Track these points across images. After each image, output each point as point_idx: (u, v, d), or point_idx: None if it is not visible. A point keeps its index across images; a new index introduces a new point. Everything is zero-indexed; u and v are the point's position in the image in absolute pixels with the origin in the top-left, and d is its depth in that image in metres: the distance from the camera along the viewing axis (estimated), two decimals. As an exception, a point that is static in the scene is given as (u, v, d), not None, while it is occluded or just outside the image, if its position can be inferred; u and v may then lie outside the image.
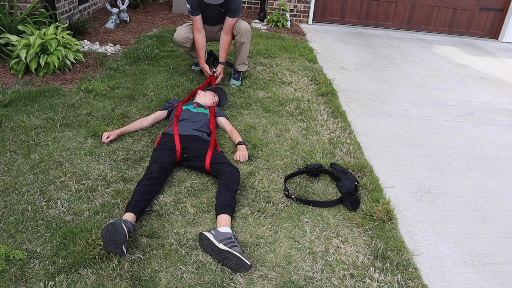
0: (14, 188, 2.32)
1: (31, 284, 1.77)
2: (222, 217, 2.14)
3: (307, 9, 6.87)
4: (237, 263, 1.90)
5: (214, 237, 1.98)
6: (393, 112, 3.89)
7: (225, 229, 2.04)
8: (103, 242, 1.90)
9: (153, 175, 2.30)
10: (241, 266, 1.90)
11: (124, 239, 1.86)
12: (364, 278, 1.97)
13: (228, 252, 1.91)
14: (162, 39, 5.12)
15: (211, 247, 1.96)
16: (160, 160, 2.44)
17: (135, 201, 2.13)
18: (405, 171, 2.94)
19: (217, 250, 1.94)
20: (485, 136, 3.62)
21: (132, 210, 2.09)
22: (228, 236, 1.98)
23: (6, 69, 3.86)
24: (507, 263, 2.20)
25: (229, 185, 2.32)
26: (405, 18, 7.31)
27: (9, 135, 2.81)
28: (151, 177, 2.28)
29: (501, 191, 2.85)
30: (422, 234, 2.34)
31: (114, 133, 2.85)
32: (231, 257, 1.90)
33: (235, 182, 2.36)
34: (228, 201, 2.23)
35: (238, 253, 1.89)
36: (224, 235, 1.99)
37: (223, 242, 1.95)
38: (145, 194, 2.19)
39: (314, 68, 4.69)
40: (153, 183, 2.27)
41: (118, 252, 1.91)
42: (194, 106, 3.04)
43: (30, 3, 4.27)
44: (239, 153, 2.80)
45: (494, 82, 5.09)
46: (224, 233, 2.00)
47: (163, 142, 2.65)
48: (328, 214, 2.38)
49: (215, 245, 1.94)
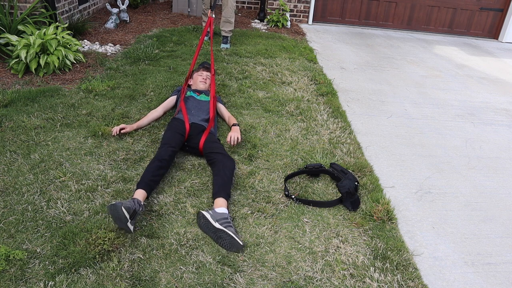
0: (14, 188, 2.32)
1: (31, 284, 1.77)
2: (219, 200, 2.25)
3: (307, 9, 6.87)
4: (230, 242, 2.00)
5: (211, 216, 2.09)
6: (393, 112, 3.89)
7: (221, 209, 2.16)
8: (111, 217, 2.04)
9: (165, 158, 2.46)
10: (234, 245, 2.00)
11: (126, 219, 1.96)
12: (364, 278, 1.97)
13: (222, 231, 2.01)
14: (162, 39, 5.12)
15: (208, 226, 2.07)
16: (173, 143, 2.61)
17: (147, 180, 2.29)
18: (405, 171, 2.94)
19: (212, 229, 2.05)
20: (485, 136, 3.62)
21: (144, 187, 2.25)
22: (224, 217, 2.10)
23: (6, 69, 3.86)
24: (507, 263, 2.20)
25: (222, 173, 2.43)
26: (405, 18, 7.31)
27: (9, 135, 2.81)
28: (163, 159, 2.45)
29: (501, 191, 2.85)
30: (422, 234, 2.34)
31: (131, 126, 2.96)
32: (225, 236, 2.01)
33: (228, 169, 2.46)
34: (223, 186, 2.34)
35: (232, 233, 2.00)
36: (221, 215, 2.10)
37: (219, 222, 2.06)
38: (156, 175, 2.36)
39: (314, 68, 4.69)
40: (164, 165, 2.44)
41: (125, 229, 2.01)
42: (197, 94, 3.20)
43: (30, 3, 4.27)
44: (231, 134, 2.89)
45: (494, 82, 5.09)
46: (221, 213, 2.12)
47: (175, 126, 2.81)
48: (328, 214, 2.38)
49: (211, 224, 2.05)
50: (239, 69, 4.37)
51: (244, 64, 4.52)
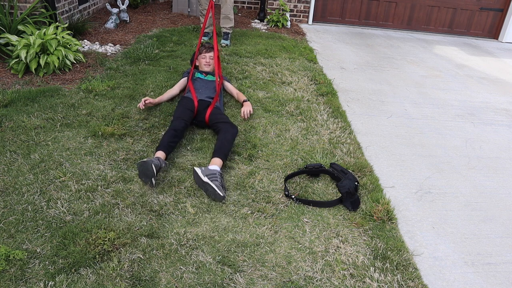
0: (14, 188, 2.32)
1: (31, 284, 1.77)
2: (214, 159, 2.59)
3: (307, 9, 6.87)
4: (213, 193, 2.36)
5: (201, 172, 2.43)
6: (393, 112, 3.89)
7: (213, 167, 2.51)
8: (138, 172, 2.41)
9: (179, 128, 2.81)
10: (216, 196, 2.36)
11: (153, 174, 2.34)
12: (364, 278, 1.97)
13: (208, 184, 2.37)
14: (162, 39, 5.11)
15: (198, 179, 2.43)
16: (185, 117, 2.95)
17: (166, 143, 2.67)
18: (405, 171, 2.94)
19: (201, 182, 2.41)
20: (485, 136, 3.62)
21: (163, 149, 2.62)
22: (213, 173, 2.43)
23: (6, 69, 3.86)
24: (507, 263, 2.20)
25: (223, 136, 2.77)
26: (405, 18, 7.31)
27: (9, 135, 2.81)
28: (177, 129, 2.80)
29: (501, 191, 2.85)
30: (422, 234, 2.34)
31: (154, 100, 3.24)
32: (210, 188, 2.36)
33: (230, 134, 2.81)
34: (221, 148, 2.69)
35: (215, 186, 2.34)
36: (210, 171, 2.44)
37: (208, 177, 2.40)
38: (172, 142, 2.71)
39: (314, 68, 4.69)
40: (178, 134, 2.78)
41: (148, 183, 2.39)
42: (204, 75, 3.53)
43: (30, 3, 4.27)
44: (244, 109, 3.34)
45: (494, 82, 5.09)
46: (211, 169, 2.46)
47: (185, 103, 3.14)
48: (328, 214, 2.38)
49: (201, 178, 2.40)
50: (239, 69, 4.37)
51: (244, 64, 4.52)
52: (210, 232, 2.16)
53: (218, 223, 2.23)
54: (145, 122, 3.16)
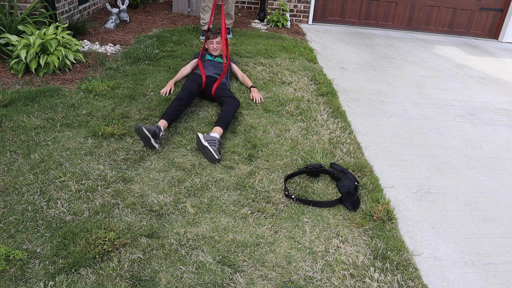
0: (14, 188, 2.32)
1: (31, 284, 1.77)
2: (215, 128, 2.95)
3: (307, 9, 6.87)
4: (210, 156, 2.70)
5: (203, 137, 2.74)
6: (393, 112, 3.89)
7: (214, 134, 2.85)
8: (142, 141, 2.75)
9: (183, 98, 3.16)
10: (212, 158, 2.70)
11: (149, 138, 2.65)
12: (364, 278, 1.97)
13: (207, 148, 2.69)
14: (162, 39, 5.11)
15: (199, 143, 2.74)
16: (190, 88, 3.28)
17: (168, 113, 3.00)
18: (405, 171, 2.94)
19: (202, 146, 2.72)
20: (485, 136, 3.62)
21: (165, 118, 2.96)
22: (212, 139, 2.76)
23: (6, 69, 3.86)
24: (507, 263, 2.20)
25: (225, 108, 3.15)
26: (405, 18, 7.31)
27: (9, 135, 2.81)
28: (181, 99, 3.14)
29: (501, 191, 2.85)
30: (422, 234, 2.34)
31: (171, 84, 3.68)
32: (208, 151, 2.70)
33: (232, 106, 3.19)
34: (223, 118, 3.06)
35: (212, 150, 2.67)
36: (211, 137, 2.77)
37: (208, 142, 2.72)
38: (175, 110, 3.06)
39: (314, 68, 4.69)
40: (182, 103, 3.13)
41: (151, 146, 2.73)
42: (213, 57, 3.89)
43: (30, 3, 4.27)
44: (254, 95, 3.69)
45: (494, 82, 5.09)
46: (212, 136, 2.80)
47: (193, 77, 3.50)
48: (328, 214, 2.39)
49: (202, 142, 2.71)
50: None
51: (244, 64, 4.52)
52: (210, 232, 2.16)
53: (218, 223, 2.23)
54: (145, 122, 3.16)
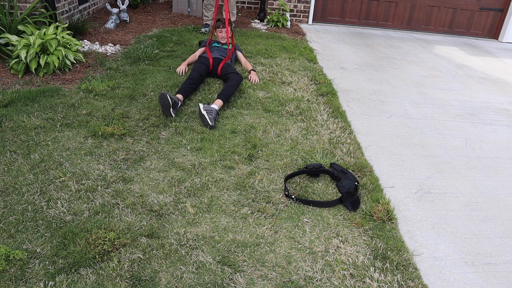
0: (14, 188, 2.32)
1: (31, 284, 1.77)
2: (217, 100, 3.38)
3: (307, 9, 6.87)
4: (206, 122, 3.12)
5: (203, 107, 3.16)
6: (393, 112, 3.89)
7: (213, 105, 3.26)
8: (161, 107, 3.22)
9: (194, 77, 3.67)
10: (207, 124, 3.11)
11: (169, 105, 3.13)
12: (364, 278, 1.97)
13: (204, 116, 3.11)
14: (162, 39, 5.11)
15: (199, 112, 3.17)
16: (200, 70, 3.78)
17: (183, 89, 3.50)
18: (405, 171, 2.94)
19: (200, 114, 3.15)
20: (485, 136, 3.62)
21: (181, 92, 3.45)
22: (211, 109, 3.18)
23: (6, 69, 3.86)
24: (507, 263, 2.20)
25: (228, 83, 3.61)
26: (405, 18, 7.31)
27: (9, 135, 2.81)
28: (193, 78, 3.66)
29: (501, 191, 2.85)
30: (422, 234, 2.34)
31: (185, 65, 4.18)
32: (204, 118, 3.12)
33: (234, 81, 3.65)
34: (225, 91, 3.51)
35: (208, 118, 3.10)
36: (210, 108, 3.20)
37: (206, 111, 3.13)
38: (189, 88, 3.55)
39: (314, 68, 4.69)
40: (194, 82, 3.64)
41: (168, 114, 3.20)
42: (220, 44, 4.32)
43: (30, 3, 4.27)
44: (253, 77, 4.11)
45: (494, 82, 5.09)
46: (211, 107, 3.22)
47: (202, 60, 4.00)
48: (328, 214, 2.39)
49: (201, 111, 3.13)
50: (239, 69, 4.37)
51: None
52: (210, 232, 2.16)
53: (218, 223, 2.23)
54: (145, 122, 3.16)
